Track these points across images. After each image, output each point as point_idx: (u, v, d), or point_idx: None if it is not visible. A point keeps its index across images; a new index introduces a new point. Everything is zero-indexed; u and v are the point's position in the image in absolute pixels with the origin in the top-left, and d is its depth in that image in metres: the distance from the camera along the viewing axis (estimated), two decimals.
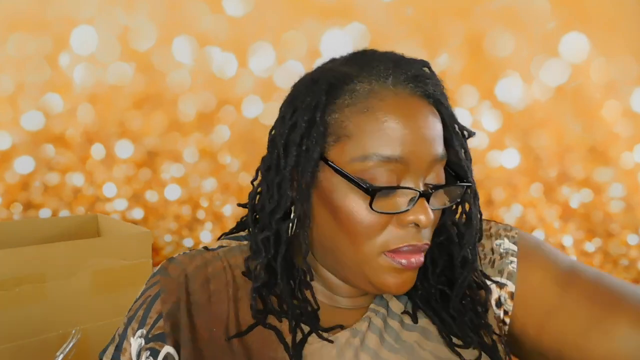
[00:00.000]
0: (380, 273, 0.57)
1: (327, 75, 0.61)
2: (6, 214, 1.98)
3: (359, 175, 0.56)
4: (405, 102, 0.57)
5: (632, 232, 2.15)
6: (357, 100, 0.57)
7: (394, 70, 0.59)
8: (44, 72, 1.95)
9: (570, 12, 1.97)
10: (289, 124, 0.61)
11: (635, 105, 2.01)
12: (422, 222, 0.55)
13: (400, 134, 0.55)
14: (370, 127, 0.56)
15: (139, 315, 0.63)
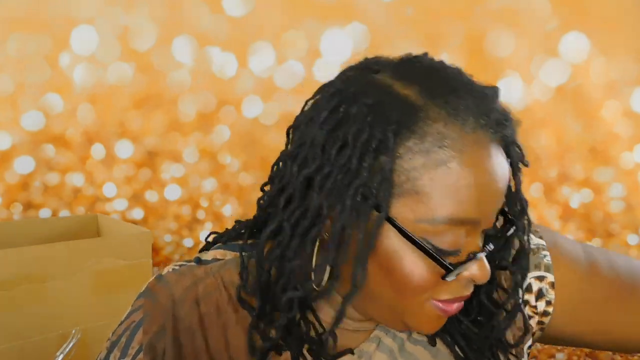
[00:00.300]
0: (420, 318, 0.52)
1: (389, 103, 0.49)
2: (6, 214, 1.98)
3: (423, 236, 0.48)
4: (485, 154, 0.48)
5: (632, 232, 2.15)
6: (431, 148, 0.47)
7: (474, 110, 0.49)
8: (44, 72, 1.95)
9: (570, 12, 1.97)
10: (339, 164, 0.49)
11: (635, 105, 2.01)
12: (480, 279, 0.51)
13: (478, 194, 0.48)
14: (444, 186, 0.47)
15: (121, 342, 0.57)
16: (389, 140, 0.47)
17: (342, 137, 0.49)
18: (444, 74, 0.52)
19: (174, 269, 0.61)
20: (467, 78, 0.53)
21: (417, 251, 0.49)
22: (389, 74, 0.52)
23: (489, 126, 0.49)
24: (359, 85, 0.52)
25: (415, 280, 0.49)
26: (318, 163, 0.50)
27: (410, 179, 0.48)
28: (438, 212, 0.48)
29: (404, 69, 0.53)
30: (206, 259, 0.62)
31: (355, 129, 0.49)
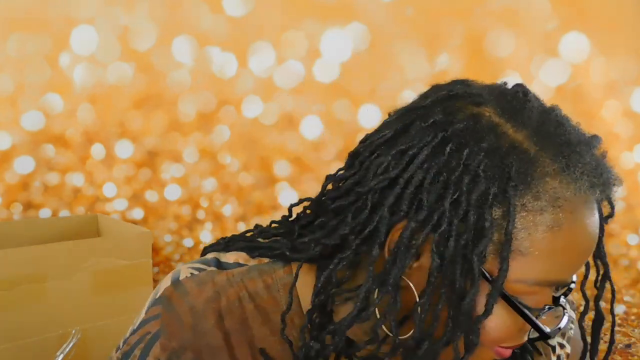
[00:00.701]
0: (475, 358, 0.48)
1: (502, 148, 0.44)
2: (6, 214, 1.98)
3: (516, 294, 0.44)
4: (593, 217, 0.45)
5: (632, 232, 2.15)
6: (545, 208, 0.43)
7: (588, 169, 0.45)
8: (44, 72, 1.95)
9: (570, 12, 1.97)
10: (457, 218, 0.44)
11: (635, 105, 2.01)
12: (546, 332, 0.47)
13: (579, 257, 0.45)
14: (554, 249, 0.43)
15: (135, 355, 0.52)
16: (510, 197, 0.43)
17: (454, 186, 0.44)
18: (554, 119, 0.48)
19: (192, 273, 0.54)
20: (573, 124, 0.48)
21: (507, 309, 0.45)
22: (496, 109, 0.47)
23: (600, 187, 0.45)
24: (466, 121, 0.46)
25: (498, 335, 0.46)
26: (426, 214, 0.44)
27: (518, 238, 0.43)
28: (540, 275, 0.44)
29: (512, 107, 0.47)
30: (226, 261, 0.56)
31: (470, 178, 0.43)
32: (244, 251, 0.57)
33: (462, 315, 0.44)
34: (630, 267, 2.18)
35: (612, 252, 2.19)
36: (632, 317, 2.05)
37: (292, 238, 0.55)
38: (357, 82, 1.97)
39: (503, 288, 0.44)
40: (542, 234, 0.43)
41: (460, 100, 0.48)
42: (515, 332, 0.47)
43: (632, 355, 1.87)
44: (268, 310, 0.54)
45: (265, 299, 0.54)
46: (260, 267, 0.55)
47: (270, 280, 0.55)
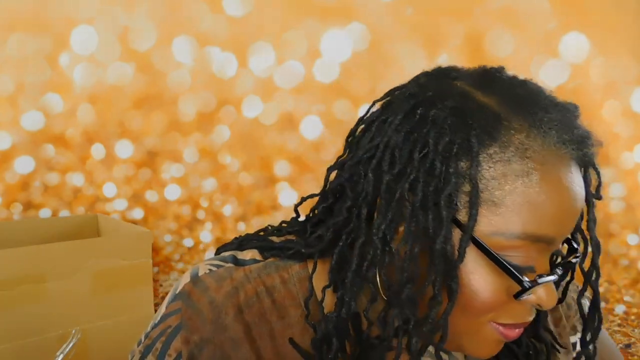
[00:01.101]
0: (479, 342, 0.50)
1: (469, 107, 0.47)
2: (6, 214, 1.98)
3: (498, 251, 0.45)
4: (566, 171, 0.46)
5: (632, 232, 2.15)
6: (512, 158, 0.45)
7: (558, 124, 0.47)
8: (44, 72, 1.95)
9: (570, 12, 1.97)
10: (424, 170, 0.46)
11: (635, 105, 2.01)
12: (548, 305, 0.48)
13: (558, 211, 0.46)
14: (525, 199, 0.45)
15: (156, 348, 0.53)
16: (473, 146, 0.45)
17: (422, 141, 0.47)
18: (525, 86, 0.51)
19: (211, 270, 0.56)
20: (547, 93, 0.51)
21: (491, 266, 0.46)
22: (468, 82, 0.50)
23: (572, 142, 0.47)
24: (437, 89, 0.50)
25: (485, 297, 0.46)
26: (399, 168, 0.47)
27: (489, 189, 0.45)
28: (515, 226, 0.45)
29: (483, 79, 0.51)
30: (243, 258, 0.57)
31: (436, 131, 0.46)
32: (257, 250, 0.58)
33: (436, 259, 0.46)
34: (630, 267, 2.18)
35: (612, 252, 2.19)
36: (632, 317, 2.05)
37: (305, 236, 0.57)
38: (357, 82, 1.97)
39: (476, 236, 0.45)
40: (512, 184, 0.45)
41: (436, 76, 0.52)
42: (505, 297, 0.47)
43: (632, 355, 1.87)
44: (286, 304, 0.55)
45: (282, 293, 0.55)
46: (276, 263, 0.57)
47: (287, 275, 0.56)
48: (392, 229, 0.48)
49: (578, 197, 0.47)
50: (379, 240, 0.48)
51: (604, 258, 2.20)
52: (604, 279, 2.18)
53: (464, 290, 0.47)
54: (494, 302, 0.47)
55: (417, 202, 0.46)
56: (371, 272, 0.49)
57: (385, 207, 0.48)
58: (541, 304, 0.48)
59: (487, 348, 0.50)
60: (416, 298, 0.48)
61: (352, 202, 0.51)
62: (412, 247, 0.47)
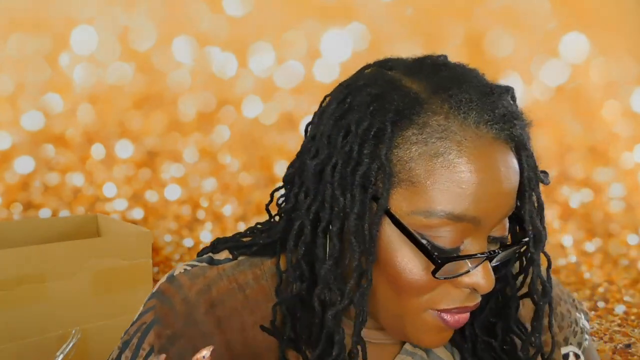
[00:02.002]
0: (420, 328, 0.50)
1: (392, 94, 0.48)
2: (6, 214, 1.98)
3: (419, 230, 0.46)
4: (487, 149, 0.46)
5: (632, 232, 2.15)
6: (429, 139, 0.46)
7: (477, 105, 0.47)
8: (44, 72, 1.95)
9: (570, 12, 1.97)
10: (343, 152, 0.48)
11: (635, 105, 2.01)
12: (483, 288, 0.48)
13: (477, 190, 0.46)
14: (442, 178, 0.46)
15: (133, 343, 0.56)
16: (387, 128, 0.47)
17: (346, 126, 0.49)
18: (453, 71, 0.51)
19: (186, 269, 0.58)
20: (478, 77, 0.51)
21: (412, 245, 0.47)
22: (401, 70, 0.52)
23: (494, 122, 0.47)
24: (368, 78, 0.51)
25: (409, 276, 0.47)
26: (326, 153, 0.50)
27: (407, 169, 0.47)
28: (434, 205, 0.46)
29: (415, 66, 0.52)
30: (218, 258, 0.60)
31: (357, 117, 0.48)
32: (228, 250, 0.61)
33: (352, 237, 0.48)
34: (630, 267, 2.18)
35: (612, 252, 2.19)
36: (632, 317, 2.05)
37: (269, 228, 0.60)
38: None
39: (394, 212, 0.47)
40: (428, 163, 0.46)
41: (374, 67, 0.54)
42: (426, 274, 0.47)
43: (632, 355, 1.87)
44: (258, 299, 0.57)
45: (254, 289, 0.57)
46: (250, 260, 0.59)
47: (259, 271, 0.58)
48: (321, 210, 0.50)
49: (504, 176, 0.47)
50: (309, 222, 0.50)
51: (605, 258, 2.20)
52: (603, 279, 2.18)
53: (390, 270, 0.48)
54: (419, 282, 0.48)
55: (335, 182, 0.48)
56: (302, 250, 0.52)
57: (313, 191, 0.50)
58: (477, 287, 0.48)
59: (429, 335, 0.51)
60: (339, 274, 0.50)
61: (297, 189, 0.53)
62: (333, 224, 0.49)
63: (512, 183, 0.48)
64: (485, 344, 0.58)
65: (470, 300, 0.50)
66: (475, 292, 0.49)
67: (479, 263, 0.48)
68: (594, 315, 2.05)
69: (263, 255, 0.59)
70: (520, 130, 0.49)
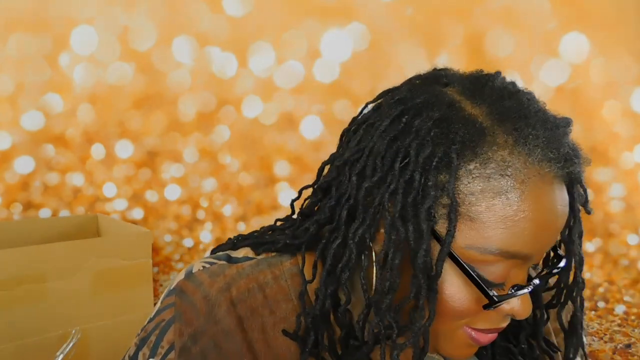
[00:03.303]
0: (451, 343, 0.51)
1: (455, 121, 0.46)
2: (6, 214, 1.98)
3: (471, 263, 0.46)
4: (549, 190, 0.46)
5: (632, 232, 2.15)
6: (493, 176, 0.45)
7: (543, 142, 0.46)
8: (44, 72, 1.95)
9: (570, 12, 1.97)
10: (404, 181, 0.46)
11: (635, 105, 2.01)
12: (520, 316, 0.48)
13: (535, 230, 0.45)
14: (502, 217, 0.45)
15: (151, 340, 0.55)
16: (453, 160, 0.45)
17: (404, 151, 0.47)
18: (516, 97, 0.49)
19: (204, 267, 0.57)
20: (539, 105, 0.50)
21: (463, 277, 0.47)
22: (459, 88, 0.50)
23: (557, 161, 0.47)
24: (426, 96, 0.49)
25: (456, 305, 0.47)
26: (380, 175, 0.48)
27: (466, 204, 0.46)
28: (490, 242, 0.45)
29: (475, 87, 0.50)
30: (236, 256, 0.59)
31: (417, 142, 0.46)
32: (249, 247, 0.60)
33: (418, 272, 0.46)
34: (630, 267, 2.18)
35: (612, 252, 2.19)
36: (632, 317, 2.05)
37: (294, 228, 0.58)
38: (357, 82, 1.97)
39: (451, 248, 0.46)
40: (490, 201, 0.45)
41: (428, 81, 0.52)
42: (476, 306, 0.47)
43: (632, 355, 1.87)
44: (277, 298, 0.56)
45: (274, 288, 0.56)
46: (268, 260, 0.58)
47: (278, 271, 0.57)
48: (370, 234, 0.49)
49: (559, 215, 0.47)
50: (354, 244, 0.49)
51: (605, 258, 2.20)
52: (603, 279, 2.18)
53: (439, 298, 0.47)
54: (466, 311, 0.48)
55: (396, 212, 0.46)
56: (345, 274, 0.50)
57: (363, 213, 0.49)
58: (514, 314, 0.49)
59: (459, 350, 0.52)
60: (397, 307, 0.48)
61: (335, 201, 0.52)
62: (394, 257, 0.47)
63: (564, 220, 0.48)
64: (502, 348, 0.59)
65: (504, 322, 0.51)
66: (510, 315, 0.50)
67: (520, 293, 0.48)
68: (594, 315, 2.05)
69: (282, 254, 0.58)
70: (579, 167, 0.49)
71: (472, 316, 0.49)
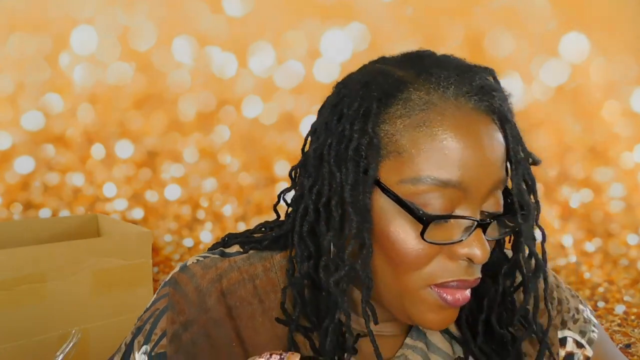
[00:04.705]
0: (421, 307, 0.52)
1: (378, 79, 0.52)
2: (6, 214, 1.98)
3: (409, 199, 0.49)
4: (467, 118, 0.49)
5: (632, 232, 2.15)
6: (412, 112, 0.50)
7: (456, 79, 0.51)
8: (44, 72, 1.95)
9: (570, 12, 1.97)
10: (337, 133, 0.52)
11: (635, 105, 2.01)
12: (478, 257, 0.49)
13: (460, 155, 0.48)
14: (426, 146, 0.48)
15: (145, 329, 0.59)
16: (373, 106, 0.51)
17: (339, 111, 0.53)
18: (436, 57, 0.55)
19: (198, 260, 0.61)
20: (460, 60, 0.55)
21: (404, 215, 0.49)
22: (390, 62, 0.56)
23: (471, 93, 0.50)
24: (359, 70, 0.57)
25: (403, 245, 0.49)
26: (323, 137, 0.54)
27: (393, 142, 0.50)
28: (420, 172, 0.48)
29: (404, 58, 0.56)
30: (229, 251, 0.62)
31: (349, 101, 0.53)
32: (239, 244, 0.64)
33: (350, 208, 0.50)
34: (630, 267, 2.18)
35: (612, 252, 2.19)
36: (632, 317, 2.05)
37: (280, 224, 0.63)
38: None
39: (386, 185, 0.50)
40: (412, 133, 0.49)
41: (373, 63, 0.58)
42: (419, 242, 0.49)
43: (632, 355, 1.87)
44: (267, 289, 0.59)
45: (264, 280, 0.60)
46: (260, 254, 0.62)
47: (269, 264, 0.61)
48: (319, 188, 0.54)
49: (485, 144, 0.49)
50: (312, 202, 0.54)
51: (605, 258, 2.20)
52: (603, 279, 2.18)
53: (385, 243, 0.50)
54: (413, 251, 0.49)
55: (332, 160, 0.52)
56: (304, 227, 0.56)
57: (314, 174, 0.55)
58: (471, 256, 0.49)
59: (432, 315, 0.52)
60: (341, 245, 0.52)
61: (301, 176, 0.58)
62: (329, 199, 0.53)
63: (495, 152, 0.50)
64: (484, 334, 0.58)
65: (469, 273, 0.51)
66: (472, 264, 0.50)
67: (471, 231, 0.49)
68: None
69: (273, 249, 0.62)
70: (500, 102, 0.52)
71: (426, 263, 0.50)
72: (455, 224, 0.50)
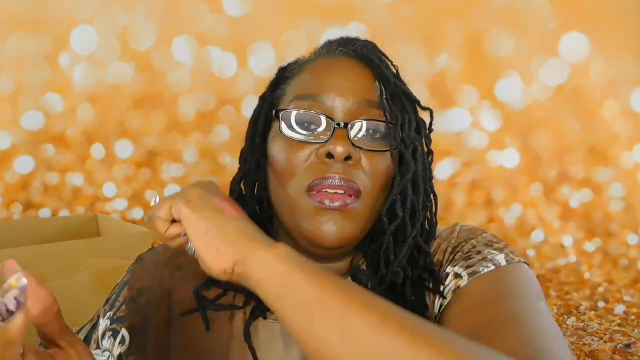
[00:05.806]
0: (306, 217, 0.57)
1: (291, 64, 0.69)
2: (6, 214, 1.98)
3: None
4: (333, 60, 0.63)
5: (632, 232, 2.15)
6: (296, 72, 0.64)
7: (332, 44, 0.66)
8: (44, 72, 1.95)
9: (570, 12, 1.97)
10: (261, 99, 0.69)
11: (635, 105, 2.01)
12: (338, 152, 0.56)
13: (320, 78, 0.61)
14: (297, 79, 0.63)
15: (111, 298, 0.69)
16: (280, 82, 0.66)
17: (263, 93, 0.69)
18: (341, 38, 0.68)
19: None
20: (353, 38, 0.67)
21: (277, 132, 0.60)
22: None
23: (338, 46, 0.65)
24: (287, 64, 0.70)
25: (280, 155, 0.59)
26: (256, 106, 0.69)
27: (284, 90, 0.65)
28: (290, 96, 0.62)
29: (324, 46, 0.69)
30: None
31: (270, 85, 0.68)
32: None
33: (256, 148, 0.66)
34: (630, 267, 2.18)
35: (612, 252, 2.19)
36: (632, 317, 2.05)
37: None
38: None
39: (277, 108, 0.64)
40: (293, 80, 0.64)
41: None
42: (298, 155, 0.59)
43: (632, 355, 1.87)
44: None
45: None
46: None
47: None
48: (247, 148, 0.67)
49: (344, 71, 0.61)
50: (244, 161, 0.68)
51: (605, 258, 2.20)
52: (603, 279, 2.18)
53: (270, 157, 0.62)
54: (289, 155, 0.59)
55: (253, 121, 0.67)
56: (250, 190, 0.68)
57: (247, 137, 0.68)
58: (331, 151, 0.56)
59: (315, 221, 0.57)
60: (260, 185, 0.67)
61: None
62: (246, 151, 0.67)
63: (355, 81, 0.61)
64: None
65: (336, 170, 0.57)
66: (335, 163, 0.57)
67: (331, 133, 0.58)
68: (594, 315, 2.05)
69: None
70: (363, 49, 0.64)
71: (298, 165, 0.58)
72: (322, 133, 0.58)
